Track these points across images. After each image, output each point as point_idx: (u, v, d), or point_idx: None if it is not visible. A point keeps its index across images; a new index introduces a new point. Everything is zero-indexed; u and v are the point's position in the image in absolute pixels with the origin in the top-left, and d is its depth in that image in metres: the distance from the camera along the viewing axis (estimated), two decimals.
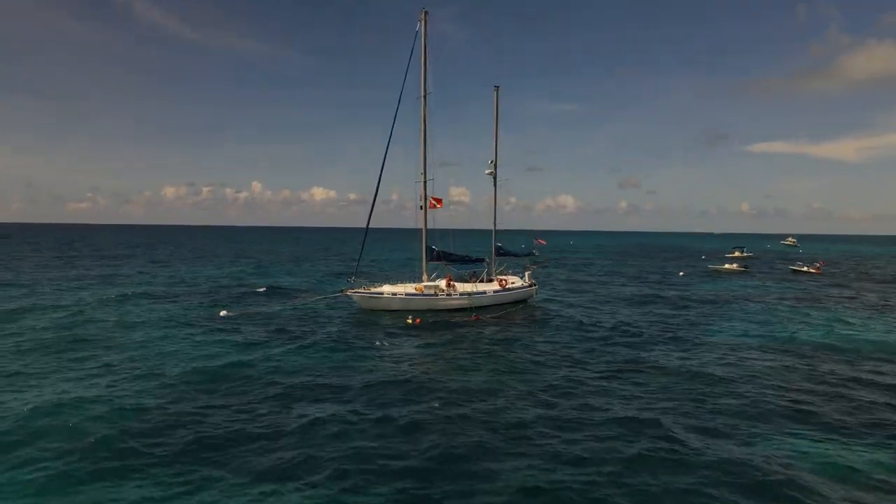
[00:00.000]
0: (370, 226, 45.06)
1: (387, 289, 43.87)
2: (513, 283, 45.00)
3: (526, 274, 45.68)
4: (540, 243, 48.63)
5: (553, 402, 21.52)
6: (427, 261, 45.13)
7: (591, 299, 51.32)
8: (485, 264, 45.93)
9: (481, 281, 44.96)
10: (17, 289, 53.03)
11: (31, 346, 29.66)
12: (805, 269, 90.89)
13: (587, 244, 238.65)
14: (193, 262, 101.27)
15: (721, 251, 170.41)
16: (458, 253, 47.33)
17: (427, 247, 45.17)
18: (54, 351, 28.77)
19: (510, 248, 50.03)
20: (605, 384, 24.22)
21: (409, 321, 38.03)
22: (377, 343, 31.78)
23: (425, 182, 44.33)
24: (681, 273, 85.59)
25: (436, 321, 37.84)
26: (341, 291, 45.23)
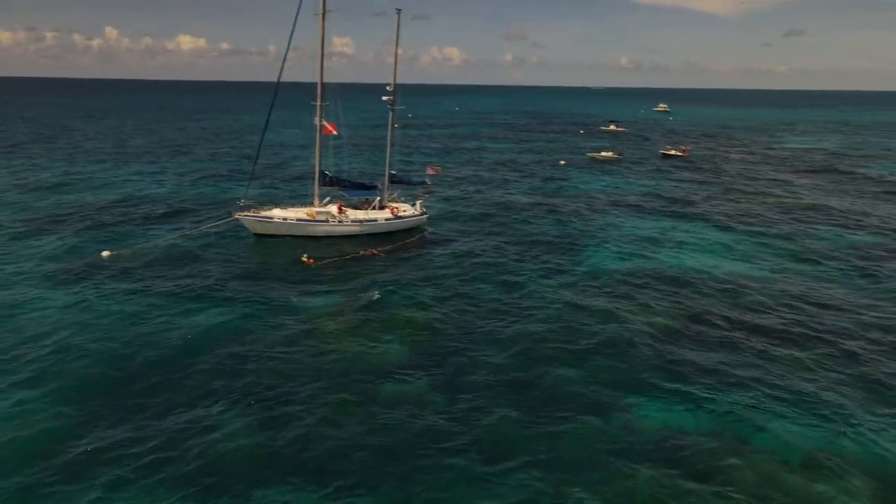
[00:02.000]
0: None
1: (277, 213, 43.35)
2: (405, 211, 45.69)
3: (418, 203, 46.38)
4: (432, 172, 48.88)
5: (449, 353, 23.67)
6: (319, 186, 44.61)
7: (479, 215, 53.16)
8: (377, 191, 46.02)
9: (373, 208, 45.27)
10: None
11: None
12: (673, 152, 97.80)
13: (473, 110, 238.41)
14: (46, 145, 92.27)
15: (599, 120, 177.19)
16: (351, 179, 46.99)
17: (320, 172, 44.48)
18: None
19: (404, 176, 50.21)
20: (483, 329, 26.54)
21: (304, 259, 38.28)
22: (277, 297, 32.17)
23: (320, 107, 42.76)
24: (562, 162, 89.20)
25: (332, 262, 38.31)
26: (230, 215, 44.17)
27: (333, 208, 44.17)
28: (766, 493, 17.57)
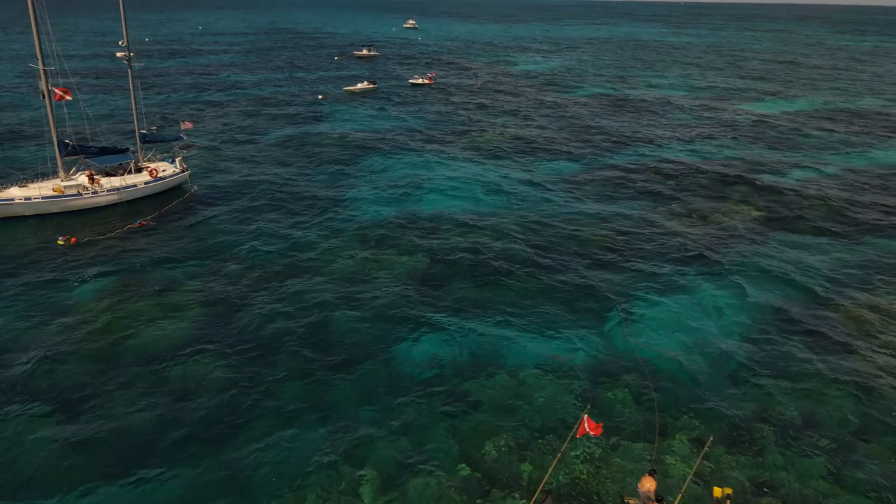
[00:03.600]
0: None
1: (15, 192, 39.84)
2: (164, 170, 44.53)
3: (177, 160, 45.30)
4: (186, 127, 47.60)
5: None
6: (62, 157, 41.50)
7: (244, 166, 53.46)
8: (130, 154, 43.99)
9: (129, 172, 43.49)
10: None
11: None
12: (421, 81, 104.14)
13: (217, 31, 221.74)
14: None
15: (351, 42, 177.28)
16: (97, 145, 44.17)
17: (59, 141, 41.25)
18: None
19: (157, 133, 48.14)
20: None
21: (61, 242, 36.48)
22: (39, 289, 31.03)
23: (44, 71, 39.17)
24: (320, 97, 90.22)
25: (97, 240, 36.96)
26: None
27: (83, 179, 41.69)
28: (512, 403, 23.53)
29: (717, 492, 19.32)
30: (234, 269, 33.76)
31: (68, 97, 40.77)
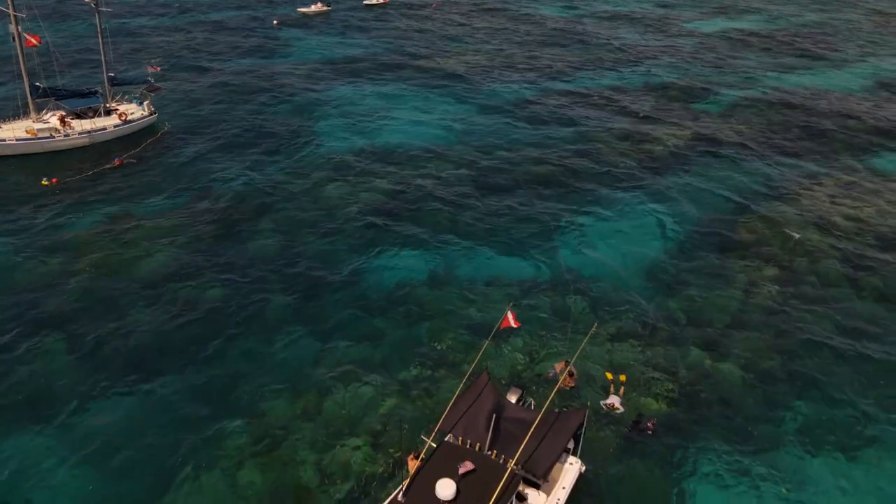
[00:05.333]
0: None
1: None
2: (132, 113, 46.55)
3: (145, 103, 47.15)
4: (153, 70, 49.10)
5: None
6: (33, 100, 43.41)
7: (209, 100, 55.34)
8: (99, 97, 45.85)
9: (98, 115, 45.49)
10: None
11: None
12: (374, 1, 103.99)
13: None
14: None
15: None
16: (67, 88, 45.91)
17: (31, 84, 43.03)
18: None
19: (124, 76, 49.57)
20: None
21: (45, 182, 39.25)
22: (28, 227, 34.24)
23: (14, 16, 40.60)
24: (275, 21, 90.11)
25: (77, 179, 39.80)
26: None
27: (55, 121, 43.75)
28: (458, 309, 28.41)
29: (610, 376, 24.83)
30: (212, 201, 37.32)
31: (37, 42, 42.28)
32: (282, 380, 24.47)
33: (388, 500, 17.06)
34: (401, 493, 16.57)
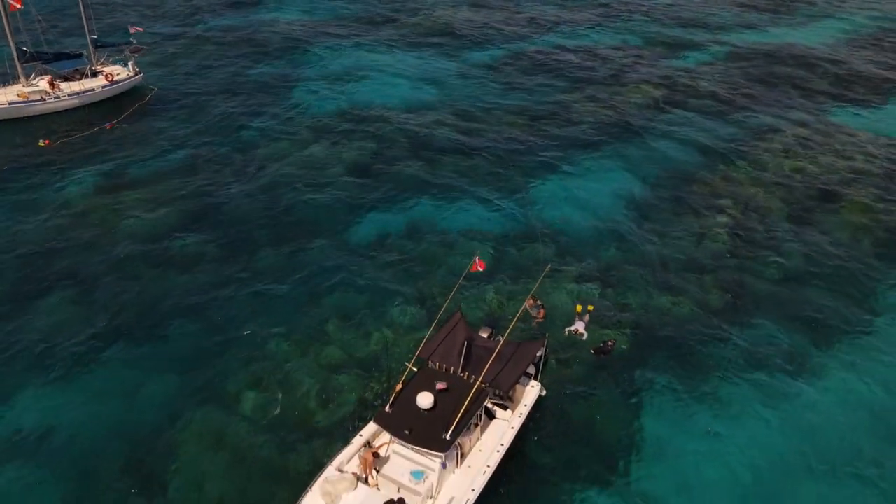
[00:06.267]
0: None
1: None
2: (118, 74, 47.73)
3: (129, 63, 48.26)
4: (137, 31, 49.89)
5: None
6: (21, 64, 44.55)
7: (193, 57, 56.44)
8: (84, 59, 46.92)
9: (85, 77, 46.66)
10: None
11: None
12: None
13: None
14: None
15: None
16: (52, 51, 46.92)
17: (17, 48, 44.12)
18: None
19: (107, 38, 50.44)
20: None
21: (42, 143, 40.84)
22: (30, 186, 36.12)
23: None
24: None
25: (71, 140, 41.40)
26: None
27: (44, 84, 45.00)
28: (436, 256, 31.11)
29: (579, 308, 27.86)
30: (202, 161, 39.31)
31: (19, 6, 43.18)
32: (279, 323, 27.10)
33: (377, 413, 19.99)
34: (388, 406, 19.51)
